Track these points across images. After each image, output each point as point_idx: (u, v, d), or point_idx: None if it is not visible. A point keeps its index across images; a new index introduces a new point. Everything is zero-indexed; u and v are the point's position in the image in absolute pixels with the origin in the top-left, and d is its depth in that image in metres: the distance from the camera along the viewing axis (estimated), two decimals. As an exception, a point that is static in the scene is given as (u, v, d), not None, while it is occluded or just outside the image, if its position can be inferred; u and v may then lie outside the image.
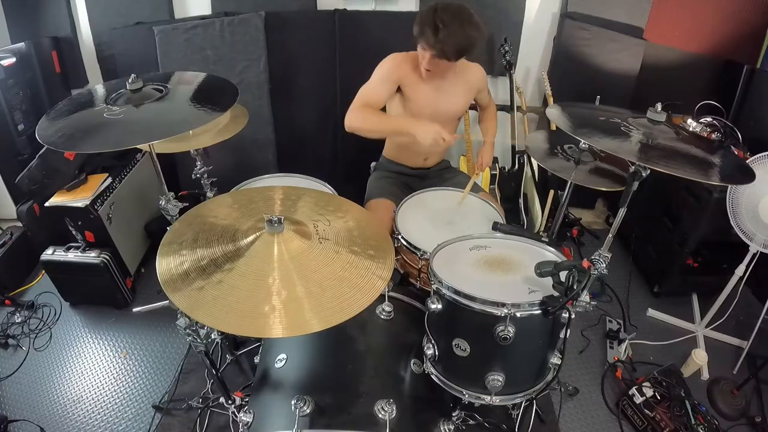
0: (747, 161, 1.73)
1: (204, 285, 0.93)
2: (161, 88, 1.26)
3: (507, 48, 2.35)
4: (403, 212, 1.66)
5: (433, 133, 1.52)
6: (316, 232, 1.08)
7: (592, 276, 1.10)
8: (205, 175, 1.83)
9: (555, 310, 1.08)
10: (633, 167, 1.18)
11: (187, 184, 2.36)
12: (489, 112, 2.06)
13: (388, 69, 1.71)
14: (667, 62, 2.52)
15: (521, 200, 2.52)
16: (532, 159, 2.46)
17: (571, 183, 1.59)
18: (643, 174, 1.17)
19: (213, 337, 1.32)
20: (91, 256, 2.06)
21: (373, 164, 2.10)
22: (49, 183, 2.03)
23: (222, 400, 1.54)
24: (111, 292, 2.16)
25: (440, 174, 2.02)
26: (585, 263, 1.08)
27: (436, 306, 1.17)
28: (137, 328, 2.13)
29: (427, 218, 1.65)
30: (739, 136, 2.05)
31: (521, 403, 1.63)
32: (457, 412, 1.42)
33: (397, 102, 1.78)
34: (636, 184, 1.20)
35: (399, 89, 1.73)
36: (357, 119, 1.63)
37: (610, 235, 1.31)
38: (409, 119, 1.68)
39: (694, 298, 2.35)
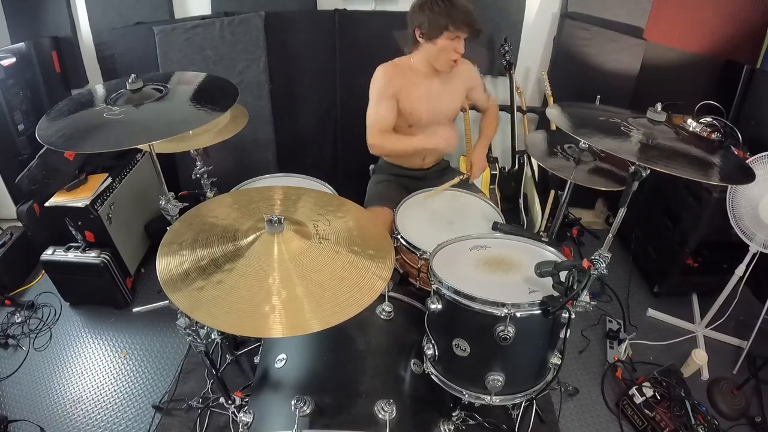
0: (747, 161, 1.73)
1: (204, 285, 0.93)
2: (161, 88, 1.26)
3: (507, 48, 2.35)
4: (402, 212, 1.66)
5: (447, 138, 1.61)
6: (316, 232, 1.08)
7: (592, 276, 1.10)
8: (205, 175, 1.83)
9: (555, 310, 1.08)
10: (633, 167, 1.18)
11: (187, 184, 2.36)
12: (488, 115, 2.03)
13: (381, 85, 1.71)
14: (667, 62, 2.51)
15: (521, 200, 2.52)
16: (532, 159, 2.46)
17: (570, 183, 1.59)
18: (643, 174, 1.17)
19: (213, 337, 1.33)
20: (91, 256, 2.06)
21: (372, 167, 2.10)
22: (49, 183, 2.03)
23: (222, 400, 1.54)
24: (111, 292, 2.16)
25: (438, 174, 2.02)
26: (585, 263, 1.08)
27: (436, 306, 1.18)
28: (137, 328, 2.13)
29: (426, 218, 1.65)
30: (739, 136, 2.04)
31: (521, 403, 1.63)
32: (457, 412, 1.42)
33: None
34: (636, 184, 1.21)
35: None
36: (380, 149, 1.74)
37: (610, 235, 1.31)
38: (424, 136, 1.70)
39: (694, 298, 2.35)
